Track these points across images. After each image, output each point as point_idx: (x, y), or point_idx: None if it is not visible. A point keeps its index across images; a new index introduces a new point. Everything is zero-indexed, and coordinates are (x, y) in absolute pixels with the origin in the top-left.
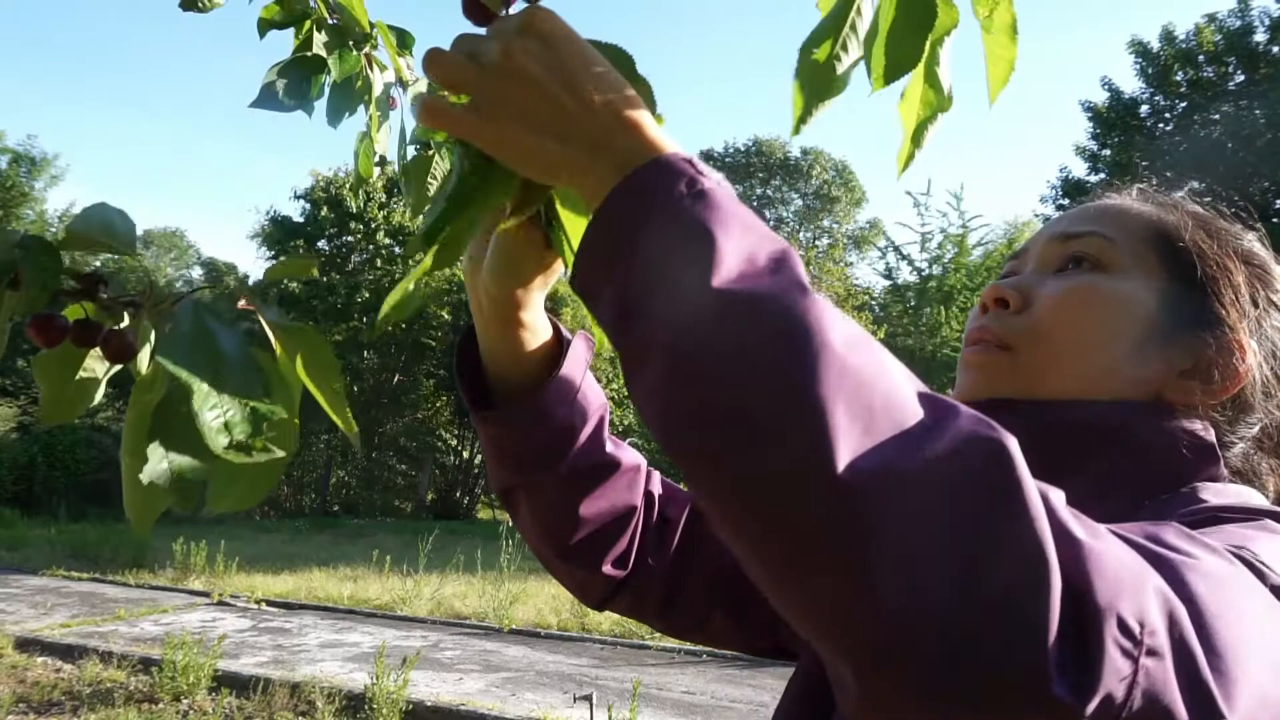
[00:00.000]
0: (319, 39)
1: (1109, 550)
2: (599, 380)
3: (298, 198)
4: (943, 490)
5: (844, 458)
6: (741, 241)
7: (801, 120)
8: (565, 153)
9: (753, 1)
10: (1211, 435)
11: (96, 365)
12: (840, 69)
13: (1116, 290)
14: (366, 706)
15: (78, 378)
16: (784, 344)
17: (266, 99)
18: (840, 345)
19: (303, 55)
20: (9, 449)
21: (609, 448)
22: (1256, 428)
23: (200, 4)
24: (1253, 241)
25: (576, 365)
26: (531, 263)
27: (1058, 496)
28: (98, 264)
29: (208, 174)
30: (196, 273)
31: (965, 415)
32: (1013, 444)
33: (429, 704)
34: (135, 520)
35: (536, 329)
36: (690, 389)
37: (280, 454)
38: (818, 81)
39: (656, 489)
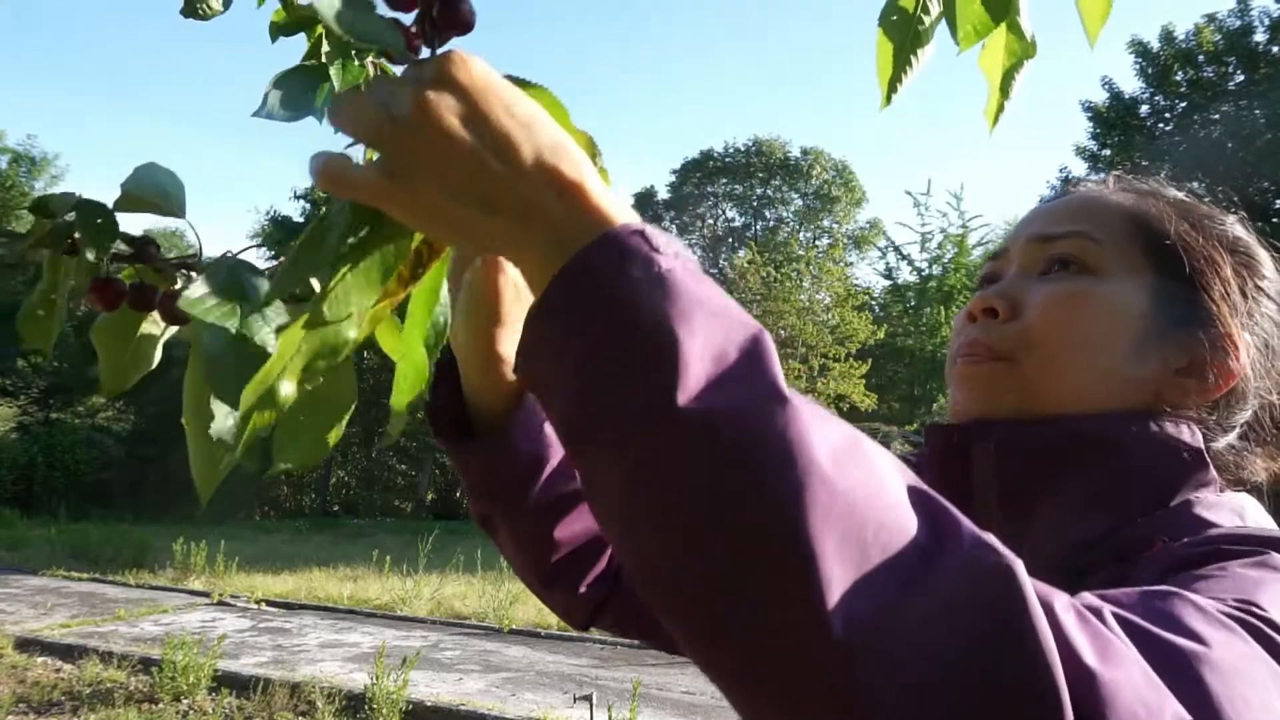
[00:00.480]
0: (326, 46)
1: (1123, 680)
2: None
3: (298, 198)
4: (945, 631)
5: (837, 606)
6: (708, 338)
7: (892, 85)
8: (495, 223)
9: (754, 3)
10: (1200, 440)
11: (152, 329)
12: (925, 25)
13: (1108, 294)
14: (366, 706)
15: (136, 340)
16: (765, 473)
17: (266, 108)
18: (829, 466)
19: (303, 64)
20: (9, 449)
21: None
22: (1248, 413)
23: (200, 10)
24: (1235, 225)
25: None
26: (507, 303)
27: (1062, 606)
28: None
29: (208, 174)
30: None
31: (966, 533)
32: (1018, 567)
33: (429, 704)
34: (201, 480)
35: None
36: (656, 531)
37: (344, 396)
38: (906, 34)
39: None
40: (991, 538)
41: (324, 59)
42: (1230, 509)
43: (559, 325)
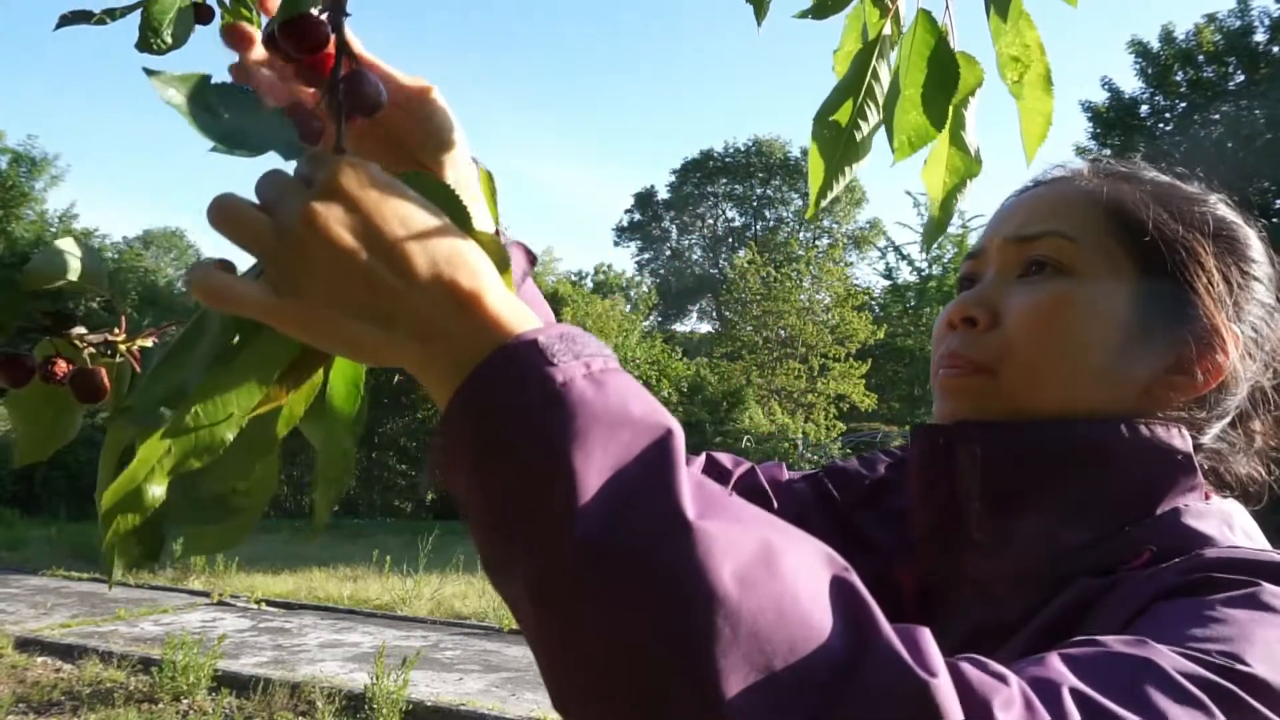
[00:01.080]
0: None
1: None
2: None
3: None
4: None
5: None
6: (606, 455)
7: (822, 193)
8: (392, 339)
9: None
10: (1189, 444)
11: (73, 401)
12: (860, 135)
13: (1087, 296)
14: (366, 706)
15: (54, 414)
16: (663, 607)
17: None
18: (733, 590)
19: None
20: (9, 449)
21: None
22: (1238, 399)
23: (154, 45)
24: (1218, 205)
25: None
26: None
27: (1002, 703)
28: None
29: (207, 174)
30: None
31: (885, 645)
32: (935, 686)
33: (429, 704)
34: (110, 563)
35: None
36: (561, 660)
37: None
38: (838, 148)
39: None
40: (918, 643)
41: None
42: (1218, 517)
43: (458, 447)
